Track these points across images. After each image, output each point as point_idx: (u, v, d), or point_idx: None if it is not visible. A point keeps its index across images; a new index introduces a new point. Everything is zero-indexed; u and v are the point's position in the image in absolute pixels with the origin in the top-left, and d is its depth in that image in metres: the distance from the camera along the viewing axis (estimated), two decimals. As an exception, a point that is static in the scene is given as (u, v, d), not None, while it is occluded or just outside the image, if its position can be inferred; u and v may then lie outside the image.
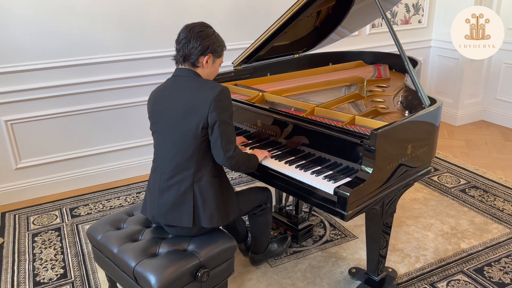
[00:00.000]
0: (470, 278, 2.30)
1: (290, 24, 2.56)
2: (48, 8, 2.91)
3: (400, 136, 1.87)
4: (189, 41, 1.78)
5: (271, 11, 3.51)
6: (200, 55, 1.80)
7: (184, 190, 1.81)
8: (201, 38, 1.78)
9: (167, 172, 1.83)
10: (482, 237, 2.64)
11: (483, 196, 3.12)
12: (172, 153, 1.81)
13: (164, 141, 1.84)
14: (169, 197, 1.83)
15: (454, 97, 4.55)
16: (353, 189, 1.69)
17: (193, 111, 1.75)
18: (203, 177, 1.83)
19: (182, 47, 1.81)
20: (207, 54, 1.81)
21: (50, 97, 3.09)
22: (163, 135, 1.84)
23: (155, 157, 1.91)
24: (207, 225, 1.85)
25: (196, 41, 1.78)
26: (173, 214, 1.83)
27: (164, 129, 1.83)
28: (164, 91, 1.87)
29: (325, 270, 2.37)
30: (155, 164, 1.91)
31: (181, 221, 1.83)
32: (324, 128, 1.94)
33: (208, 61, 1.83)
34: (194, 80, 1.81)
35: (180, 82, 1.83)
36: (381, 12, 2.11)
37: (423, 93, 2.04)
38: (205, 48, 1.79)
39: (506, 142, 4.11)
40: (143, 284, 1.74)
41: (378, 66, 3.17)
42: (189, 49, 1.79)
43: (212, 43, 1.81)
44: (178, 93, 1.80)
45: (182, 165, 1.80)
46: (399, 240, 2.63)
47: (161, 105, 1.84)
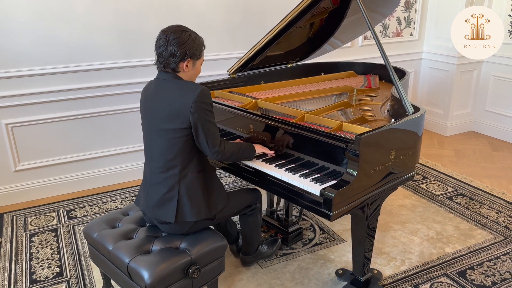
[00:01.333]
0: (453, 280, 2.38)
1: (282, 35, 2.66)
2: (49, 16, 3.01)
3: (384, 142, 1.96)
4: (167, 48, 1.83)
5: (265, 22, 3.61)
6: (180, 61, 1.86)
7: (170, 187, 1.91)
8: (178, 45, 1.83)
9: (155, 170, 1.93)
10: (466, 242, 2.73)
11: (469, 203, 3.21)
12: (159, 153, 1.91)
13: (152, 141, 1.94)
14: (157, 194, 1.93)
15: (445, 108, 4.67)
16: (338, 191, 1.78)
17: (175, 113, 1.84)
18: (188, 173, 1.92)
19: (161, 54, 1.86)
20: (186, 59, 1.86)
21: (49, 102, 3.18)
22: (150, 135, 1.95)
23: (145, 153, 2.01)
24: (193, 219, 1.92)
25: (173, 47, 1.83)
26: (159, 210, 1.93)
27: (151, 129, 1.94)
28: (149, 91, 1.96)
29: (313, 272, 2.45)
30: (145, 159, 2.01)
31: (166, 216, 1.92)
32: (312, 133, 2.03)
33: (188, 65, 1.89)
34: (175, 82, 1.89)
35: (163, 84, 1.91)
36: (368, 24, 2.23)
37: (407, 101, 2.14)
38: (183, 54, 1.84)
39: (494, 152, 4.22)
40: (136, 279, 1.81)
41: (369, 77, 3.28)
42: (167, 57, 1.85)
43: (189, 48, 1.85)
44: (161, 96, 1.89)
45: (169, 164, 1.90)
46: (386, 244, 2.71)
47: (147, 105, 1.94)
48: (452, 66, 4.46)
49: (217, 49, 3.63)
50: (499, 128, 4.54)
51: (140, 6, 3.26)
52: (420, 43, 4.73)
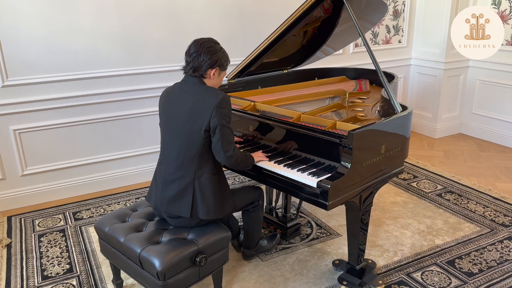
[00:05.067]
0: (442, 269, 2.53)
1: (277, 42, 2.84)
2: (56, 26, 3.17)
3: (374, 137, 2.13)
4: (200, 54, 2.01)
5: (261, 30, 3.79)
6: (209, 68, 2.04)
7: (186, 185, 2.05)
8: (211, 53, 2.02)
9: (172, 168, 2.07)
10: (455, 235, 2.89)
11: (457, 199, 3.38)
12: (177, 152, 2.05)
13: (171, 140, 2.08)
14: (172, 190, 2.06)
15: (433, 111, 4.86)
16: (333, 182, 1.94)
17: (197, 116, 1.99)
18: (203, 174, 2.07)
19: (193, 60, 2.03)
20: (215, 67, 2.05)
21: (56, 108, 3.32)
22: (169, 135, 2.09)
23: (161, 151, 2.15)
24: (203, 217, 2.08)
25: (206, 55, 2.01)
26: (174, 205, 2.06)
27: (171, 129, 2.08)
28: (172, 93, 2.12)
29: (311, 263, 2.59)
30: (161, 158, 2.15)
31: (180, 211, 2.06)
32: (308, 130, 2.19)
33: (215, 73, 2.07)
34: (199, 87, 2.06)
35: (187, 86, 2.08)
36: (359, 31, 2.41)
37: (395, 101, 2.31)
38: (214, 62, 2.03)
39: (481, 152, 4.41)
40: (147, 268, 1.95)
41: (360, 81, 3.46)
42: (199, 62, 2.02)
43: (219, 58, 2.05)
44: (184, 97, 2.05)
45: (186, 163, 2.04)
46: (379, 237, 2.86)
47: (169, 106, 2.09)
48: (440, 71, 4.67)
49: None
50: (486, 130, 4.74)
51: (141, 17, 3.43)
52: (409, 49, 4.94)
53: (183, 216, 2.06)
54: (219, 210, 2.12)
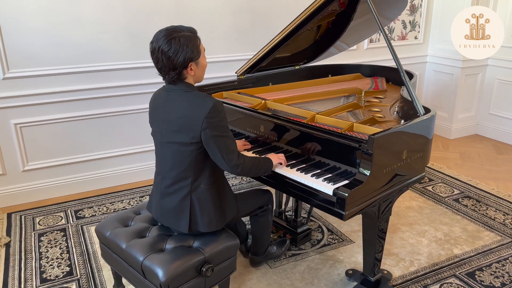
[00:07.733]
0: (462, 281, 2.39)
1: (291, 37, 2.69)
2: (60, 18, 3.03)
3: (396, 142, 1.98)
4: (164, 64, 1.76)
5: (272, 24, 3.64)
6: (182, 70, 1.79)
7: (182, 198, 1.90)
8: (172, 58, 1.74)
9: (167, 179, 1.92)
10: (474, 244, 2.74)
11: (475, 205, 3.22)
12: (171, 163, 1.89)
13: (163, 151, 1.92)
14: (169, 203, 1.92)
15: (449, 111, 4.69)
16: (351, 190, 1.80)
17: (187, 128, 1.79)
18: (200, 185, 1.91)
19: (160, 70, 1.80)
20: (188, 65, 1.79)
21: (58, 102, 3.20)
22: (161, 146, 1.92)
23: (156, 162, 1.99)
24: (205, 230, 1.93)
25: (170, 63, 1.75)
26: (172, 218, 1.93)
27: (162, 140, 1.91)
28: (159, 100, 1.91)
29: (322, 272, 2.46)
30: (157, 169, 2.00)
31: (179, 226, 1.93)
32: (324, 133, 2.05)
33: (192, 68, 1.81)
34: (185, 96, 1.82)
35: (172, 96, 1.85)
36: (379, 26, 2.25)
37: (418, 103, 2.16)
38: (182, 63, 1.76)
39: (498, 155, 4.23)
40: (150, 277, 1.82)
41: (376, 79, 3.30)
42: (167, 71, 1.78)
43: (185, 54, 1.75)
44: (172, 108, 1.83)
45: (181, 175, 1.88)
46: (394, 245, 2.72)
47: (158, 115, 1.90)
48: (457, 69, 4.49)
49: (225, 51, 3.66)
50: (503, 131, 4.56)
51: (148, 9, 3.29)
52: (425, 46, 4.76)
53: (181, 231, 1.93)
54: (221, 220, 1.98)
